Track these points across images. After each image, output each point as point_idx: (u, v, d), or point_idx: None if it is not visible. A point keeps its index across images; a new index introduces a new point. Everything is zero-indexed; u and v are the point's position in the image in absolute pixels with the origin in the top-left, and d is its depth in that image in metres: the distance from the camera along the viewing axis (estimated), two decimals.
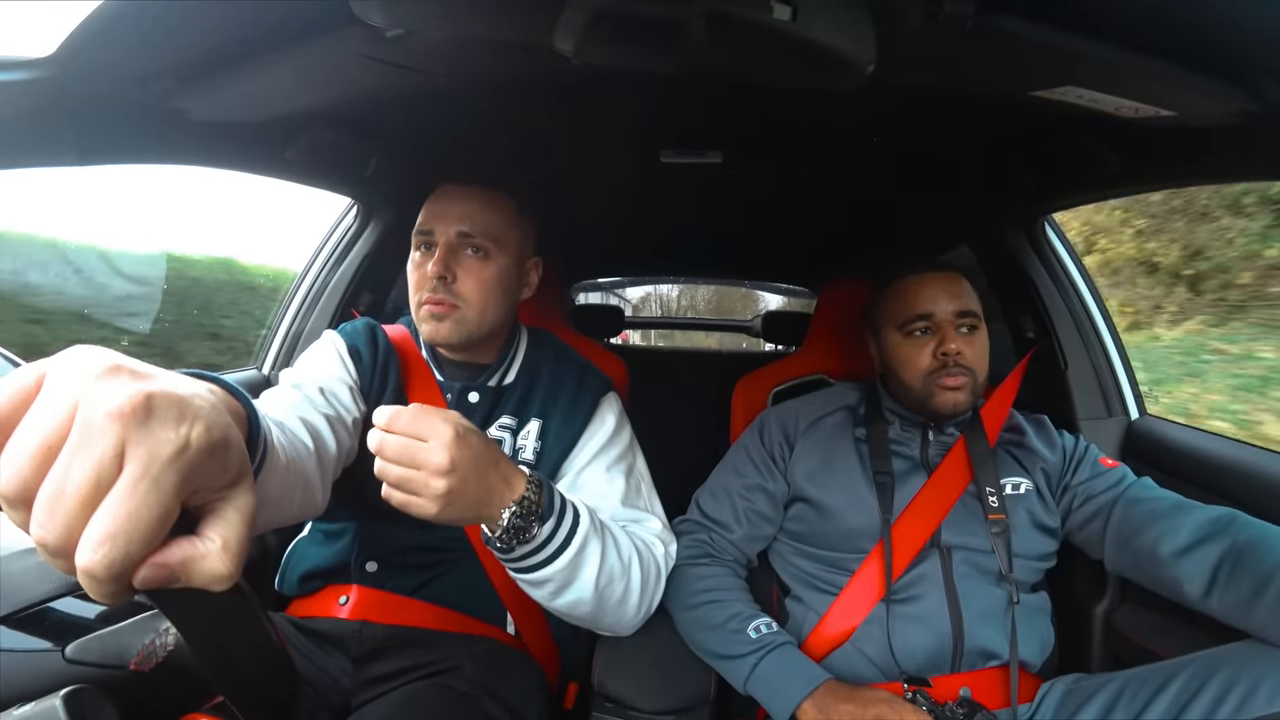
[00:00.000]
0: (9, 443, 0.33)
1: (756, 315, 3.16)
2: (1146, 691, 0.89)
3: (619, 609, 0.95)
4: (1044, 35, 0.68)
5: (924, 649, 1.04)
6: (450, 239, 1.06)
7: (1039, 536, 1.12)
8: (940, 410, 1.13)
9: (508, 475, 0.79)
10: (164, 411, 0.34)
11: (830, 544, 1.15)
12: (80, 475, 0.32)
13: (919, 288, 1.15)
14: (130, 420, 0.33)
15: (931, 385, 1.12)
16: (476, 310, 1.06)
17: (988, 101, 0.93)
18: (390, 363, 1.11)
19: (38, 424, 0.33)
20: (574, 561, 0.86)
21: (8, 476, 0.32)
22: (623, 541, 0.96)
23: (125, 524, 0.32)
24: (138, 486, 0.33)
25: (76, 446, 0.32)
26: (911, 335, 1.15)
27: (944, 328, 1.12)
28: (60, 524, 0.32)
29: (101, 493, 0.32)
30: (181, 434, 0.35)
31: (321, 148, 1.22)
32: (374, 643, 1.01)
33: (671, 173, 1.46)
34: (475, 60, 0.90)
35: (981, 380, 1.14)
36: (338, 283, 1.64)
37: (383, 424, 0.71)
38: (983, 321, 1.15)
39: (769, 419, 1.28)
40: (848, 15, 0.64)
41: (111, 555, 0.32)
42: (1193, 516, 0.99)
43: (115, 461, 0.33)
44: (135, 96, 0.85)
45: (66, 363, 0.35)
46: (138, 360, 0.37)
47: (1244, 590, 0.88)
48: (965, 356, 1.11)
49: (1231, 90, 0.75)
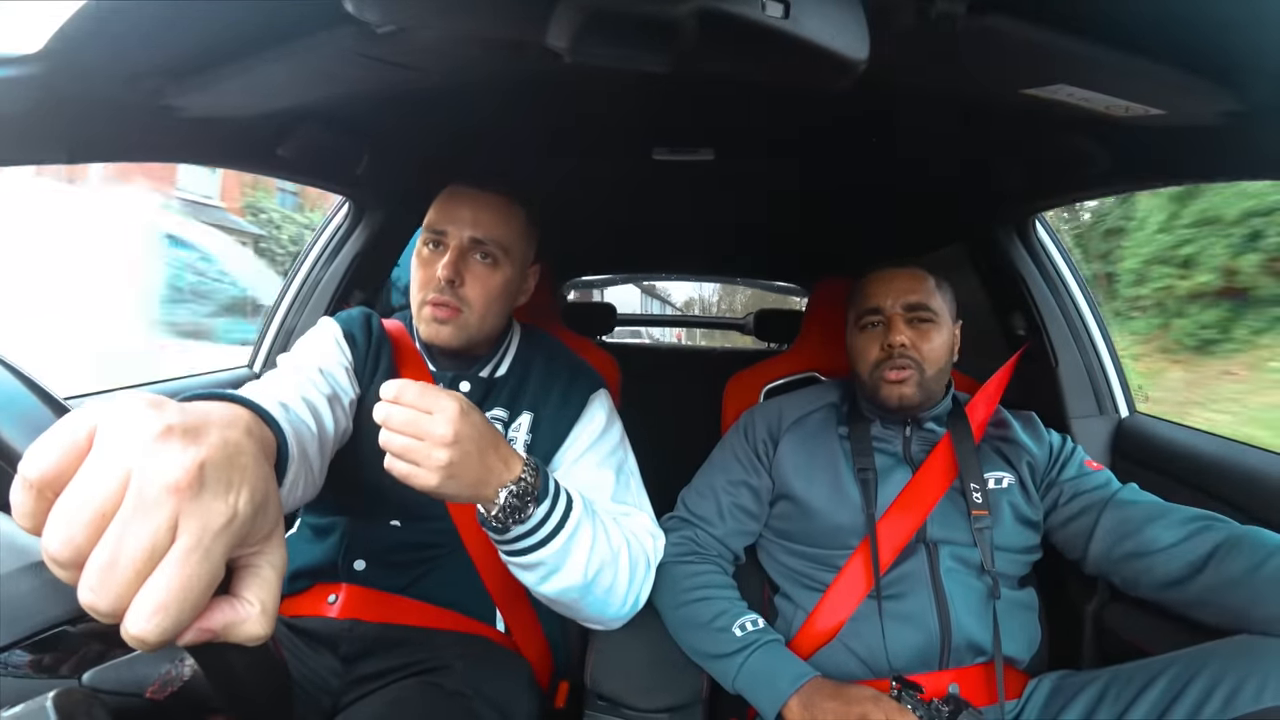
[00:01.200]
0: (61, 504, 0.34)
1: (749, 313, 3.17)
2: (1133, 688, 0.90)
3: (606, 597, 0.95)
4: (1035, 34, 0.69)
5: (911, 645, 1.04)
6: (463, 243, 1.05)
7: (1021, 529, 1.13)
8: (886, 403, 1.14)
9: (506, 456, 0.81)
10: (215, 481, 0.36)
11: (816, 541, 1.15)
12: (135, 546, 0.33)
13: (875, 283, 1.18)
14: (185, 494, 0.35)
15: (877, 378, 1.15)
16: (479, 316, 1.06)
17: (979, 100, 0.94)
18: (383, 349, 1.12)
19: (92, 489, 0.34)
20: (566, 545, 0.87)
21: (61, 540, 0.33)
22: (613, 530, 0.96)
23: (178, 594, 0.34)
24: (190, 557, 0.34)
25: (131, 516, 0.34)
26: (864, 329, 1.18)
27: (892, 320, 1.14)
28: (114, 592, 0.33)
29: (155, 562, 0.34)
30: (230, 504, 0.37)
31: (313, 145, 1.22)
32: (363, 642, 1.01)
33: (664, 170, 1.46)
34: (468, 58, 0.90)
35: (933, 374, 1.14)
36: (329, 281, 1.63)
37: (390, 396, 0.73)
38: (941, 318, 1.16)
39: (753, 416, 1.29)
40: (840, 14, 0.64)
41: (164, 624, 0.33)
42: (1181, 518, 1.01)
43: (169, 533, 0.34)
44: (125, 93, 0.85)
45: (118, 421, 0.36)
46: (182, 408, 0.38)
47: (1233, 572, 0.91)
48: (913, 349, 1.12)
49: (1220, 90, 0.76)
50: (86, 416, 0.36)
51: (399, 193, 1.56)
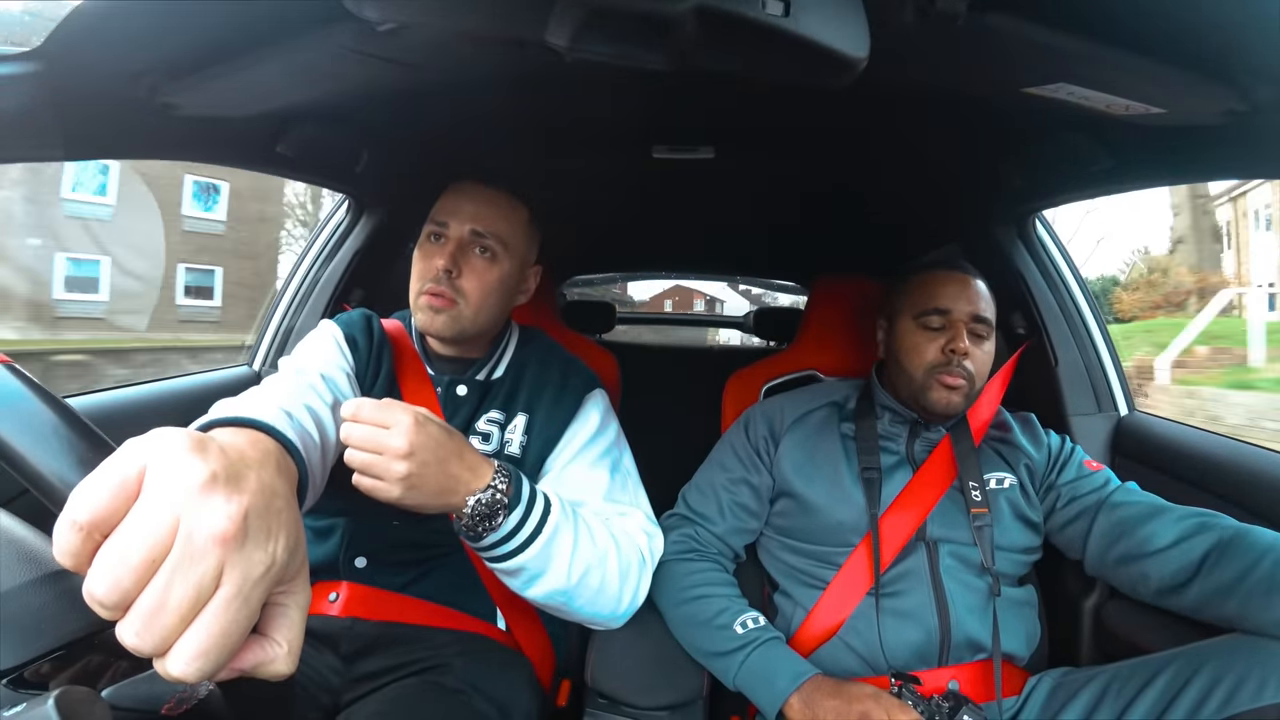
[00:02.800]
0: (108, 548, 0.35)
1: (749, 312, 3.16)
2: (1133, 685, 0.90)
3: (597, 599, 0.96)
4: (1036, 32, 0.69)
5: (911, 643, 1.05)
6: (463, 235, 1.07)
7: (1021, 529, 1.13)
8: (934, 406, 1.13)
9: (473, 464, 0.83)
10: (256, 531, 0.39)
11: (816, 539, 1.15)
12: (182, 594, 0.35)
13: (944, 283, 1.16)
14: (231, 545, 0.37)
15: (931, 379, 1.13)
16: (473, 309, 1.07)
17: (980, 98, 0.94)
18: (384, 353, 1.12)
19: (140, 537, 0.35)
20: (545, 550, 0.88)
21: (109, 584, 0.35)
22: (599, 532, 0.97)
23: (219, 640, 0.36)
24: (232, 605, 0.36)
25: (178, 565, 0.35)
26: (925, 327, 1.16)
27: (957, 326, 1.13)
28: (159, 636, 0.35)
29: (199, 609, 0.36)
30: (270, 552, 0.39)
31: (312, 143, 1.22)
32: (364, 640, 1.01)
33: (664, 168, 1.46)
34: (467, 55, 0.90)
35: (978, 389, 1.15)
36: (329, 279, 1.63)
37: (349, 414, 0.77)
38: (993, 335, 1.16)
39: (754, 414, 1.29)
40: (840, 12, 0.64)
41: (204, 668, 0.35)
42: (1177, 516, 1.01)
43: (214, 582, 0.36)
44: (124, 91, 0.84)
45: (164, 466, 0.38)
46: (222, 449, 0.41)
47: (1227, 577, 0.91)
48: (970, 359, 1.12)
49: (1221, 89, 0.75)
50: (134, 458, 0.38)
51: (399, 190, 1.56)
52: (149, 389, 1.34)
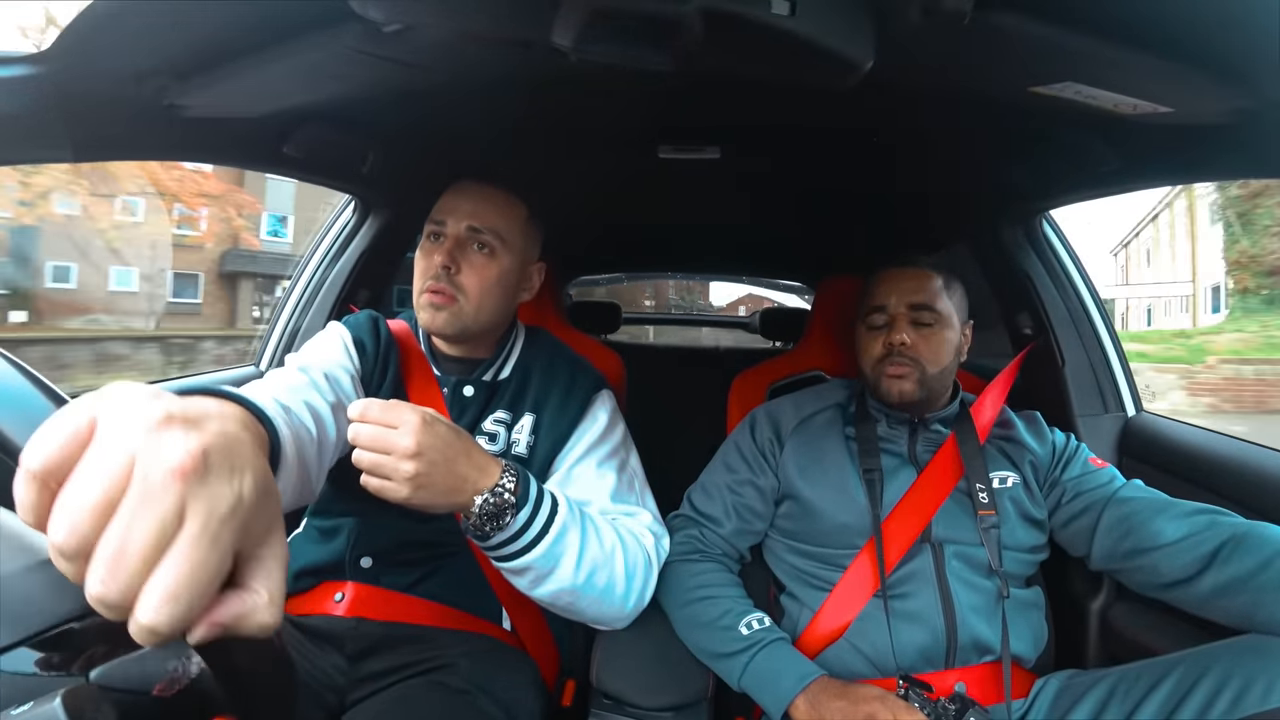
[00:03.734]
0: (64, 495, 0.34)
1: (755, 311, 3.16)
2: (1140, 688, 0.89)
3: (604, 599, 0.96)
4: (1042, 31, 0.68)
5: (917, 645, 1.04)
6: (460, 232, 1.09)
7: (1027, 529, 1.13)
8: (885, 398, 1.16)
9: (481, 464, 0.83)
10: (219, 466, 0.36)
11: (821, 540, 1.15)
12: (143, 534, 0.33)
13: (881, 281, 1.20)
14: (191, 478, 0.34)
15: (879, 373, 1.16)
16: (474, 304, 1.08)
17: (986, 98, 0.93)
18: (391, 355, 1.13)
19: (95, 478, 0.34)
20: (552, 549, 0.88)
21: (66, 531, 0.33)
22: (605, 531, 0.97)
23: (187, 581, 0.33)
24: (199, 542, 0.34)
25: (137, 504, 0.33)
26: (870, 326, 1.19)
27: (895, 319, 1.16)
28: (123, 582, 0.33)
29: (162, 550, 0.33)
30: (235, 489, 0.36)
31: (319, 144, 1.22)
32: (369, 640, 1.01)
33: (669, 168, 1.45)
34: (473, 56, 0.90)
35: (935, 373, 1.15)
36: (335, 279, 1.63)
37: (356, 415, 0.77)
38: (946, 319, 1.16)
39: (759, 415, 1.29)
40: (845, 12, 0.64)
41: (174, 612, 0.33)
42: (1185, 511, 1.01)
43: (176, 519, 0.34)
44: (131, 92, 0.85)
45: (118, 410, 0.36)
46: (180, 399, 0.38)
47: (1239, 571, 0.90)
48: (913, 348, 1.13)
49: (1229, 87, 0.75)
50: (86, 406, 0.36)
51: (405, 190, 1.56)
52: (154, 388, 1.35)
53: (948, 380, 1.19)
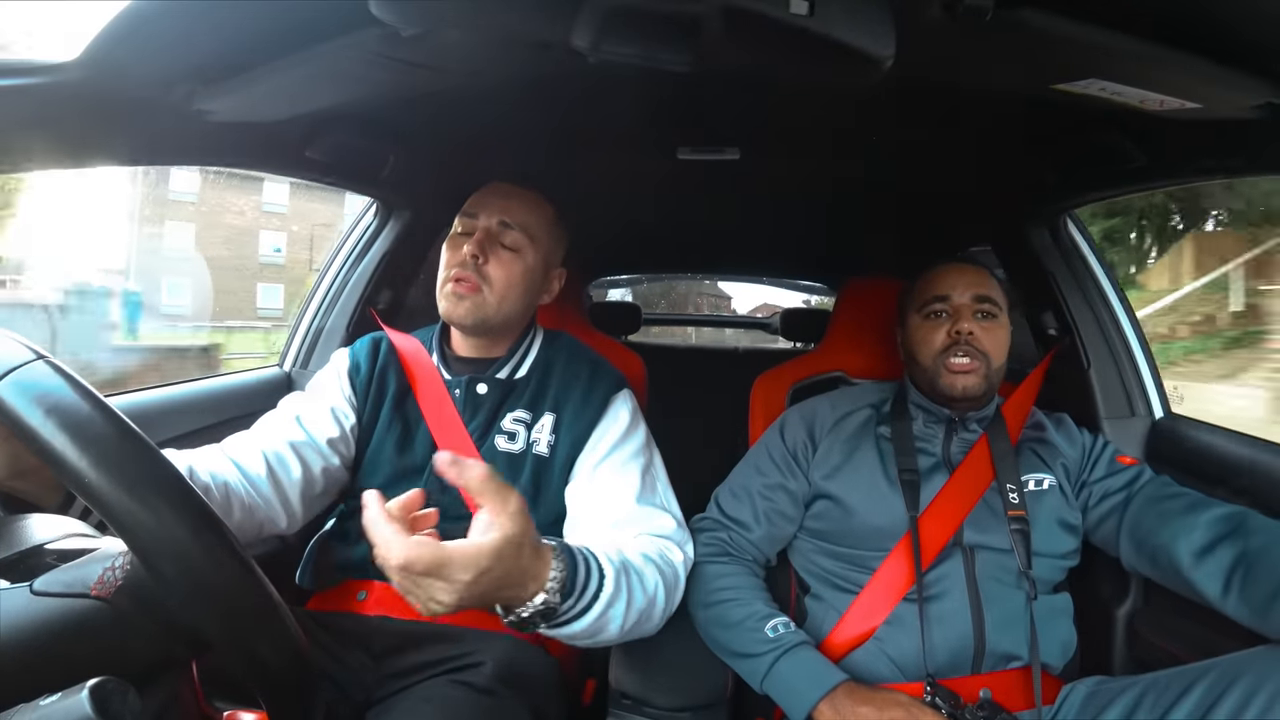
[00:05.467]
0: None
1: (775, 312, 3.16)
2: (1169, 696, 0.88)
3: (641, 630, 0.94)
4: (1066, 27, 0.67)
5: (945, 650, 1.03)
6: (491, 225, 1.12)
7: (1060, 534, 1.11)
8: (948, 391, 1.13)
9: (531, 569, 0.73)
10: None
11: (852, 542, 1.14)
12: None
13: (941, 274, 1.18)
14: None
15: (940, 365, 1.14)
16: (498, 297, 1.10)
17: (1009, 96, 0.92)
18: (390, 369, 1.17)
19: None
20: (599, 620, 0.83)
21: None
22: (648, 575, 0.93)
23: None
24: None
25: None
26: (929, 317, 1.17)
27: (960, 310, 1.14)
28: None
29: None
30: None
31: (340, 147, 1.24)
32: (394, 638, 1.02)
33: (689, 169, 1.45)
34: (492, 59, 0.91)
35: (996, 368, 1.14)
36: (357, 281, 1.65)
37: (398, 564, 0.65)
38: (1004, 313, 1.16)
39: (792, 417, 1.28)
40: (865, 9, 0.63)
41: None
42: (1207, 515, 0.98)
43: None
44: (159, 98, 0.86)
45: None
46: None
47: (1260, 594, 0.88)
48: (978, 340, 1.12)
49: (1257, 82, 0.74)
50: None
51: (425, 193, 1.57)
52: (184, 389, 1.37)
53: (1001, 376, 1.18)
